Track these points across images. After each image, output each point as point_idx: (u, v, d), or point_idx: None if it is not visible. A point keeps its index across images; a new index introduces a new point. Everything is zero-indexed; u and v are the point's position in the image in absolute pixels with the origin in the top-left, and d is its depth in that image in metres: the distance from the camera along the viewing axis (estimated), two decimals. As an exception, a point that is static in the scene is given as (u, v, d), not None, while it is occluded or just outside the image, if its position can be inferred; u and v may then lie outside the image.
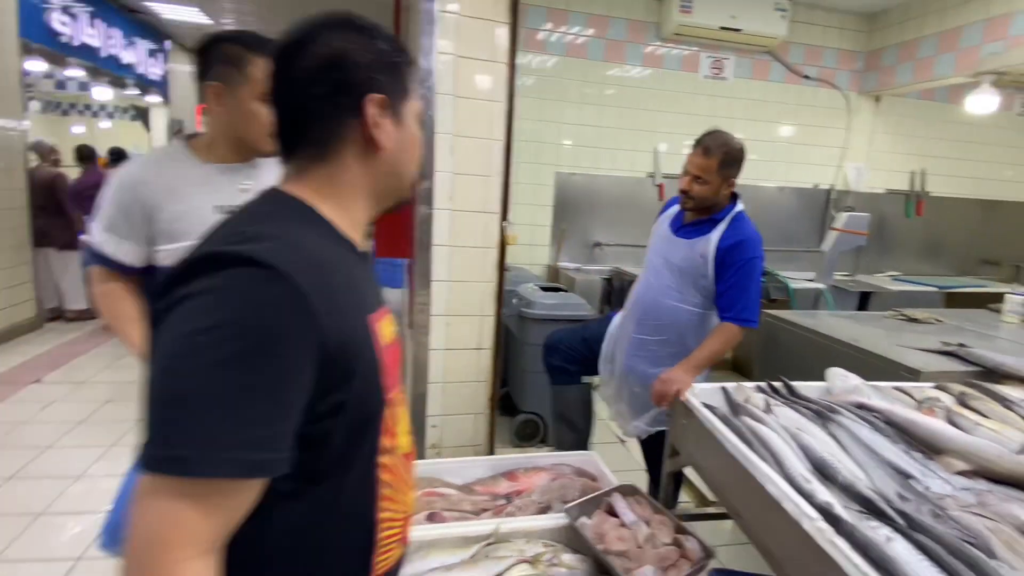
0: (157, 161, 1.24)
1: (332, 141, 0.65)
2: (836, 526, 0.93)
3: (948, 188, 4.77)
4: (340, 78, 0.62)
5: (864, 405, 1.35)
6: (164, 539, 0.48)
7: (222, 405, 0.49)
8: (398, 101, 0.67)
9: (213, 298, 0.51)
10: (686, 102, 4.12)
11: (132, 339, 1.16)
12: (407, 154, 0.70)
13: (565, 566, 1.20)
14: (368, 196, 0.69)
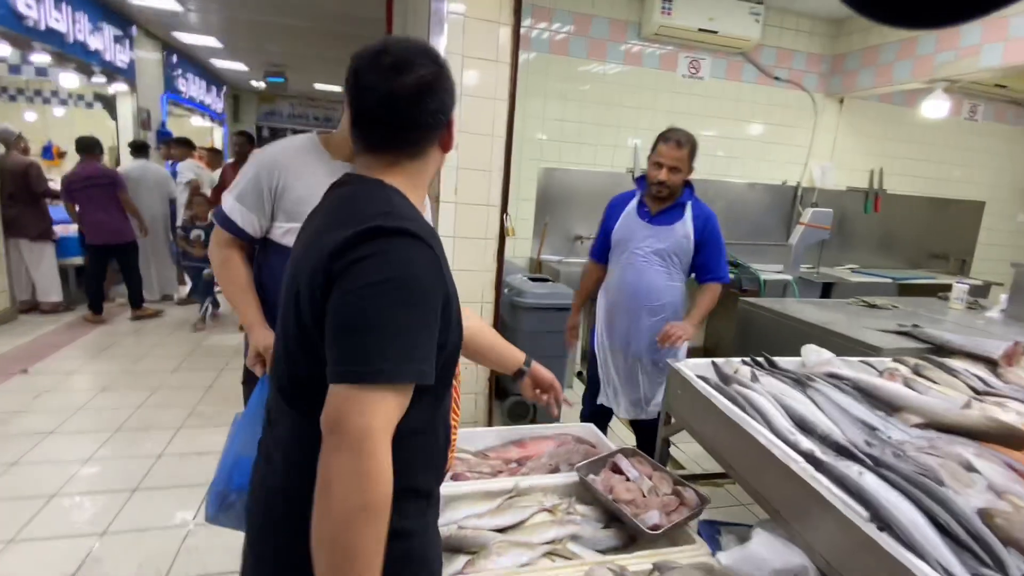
0: (295, 148, 1.38)
1: (427, 144, 0.85)
2: (818, 467, 1.11)
3: (903, 186, 5.12)
4: (442, 99, 0.83)
5: (835, 374, 1.55)
6: (374, 427, 0.67)
7: (401, 333, 0.70)
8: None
9: (386, 259, 0.71)
10: (664, 100, 4.30)
11: (242, 306, 1.37)
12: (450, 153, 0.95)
13: (579, 514, 1.36)
14: (429, 181, 0.91)
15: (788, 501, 1.15)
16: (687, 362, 1.67)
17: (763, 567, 1.11)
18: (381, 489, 0.67)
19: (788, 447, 1.18)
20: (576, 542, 1.28)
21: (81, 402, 3.10)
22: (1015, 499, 1.02)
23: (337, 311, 0.71)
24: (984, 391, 1.55)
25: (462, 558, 1.19)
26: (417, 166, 0.86)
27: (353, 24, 5.38)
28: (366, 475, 0.66)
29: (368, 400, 0.67)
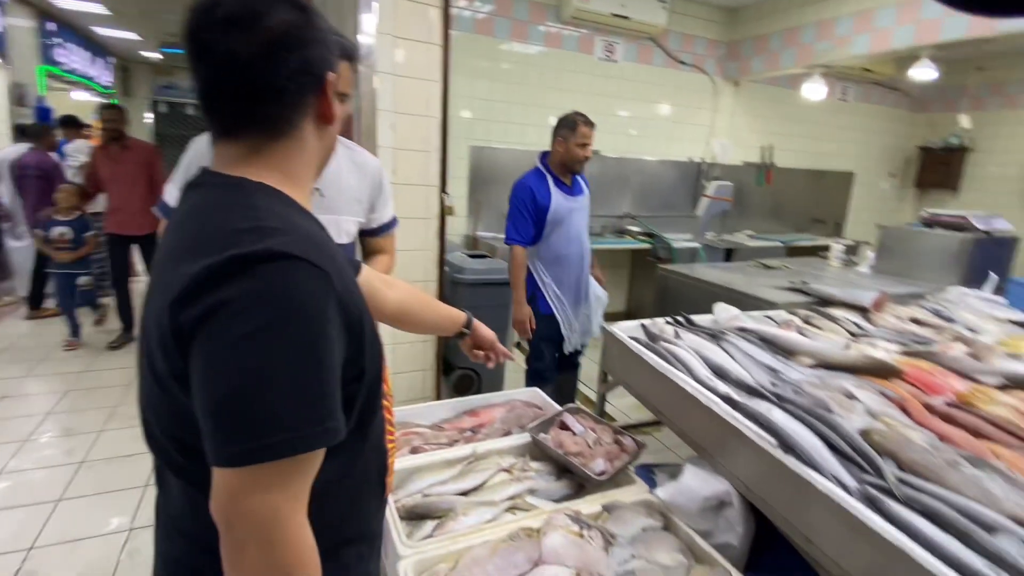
0: None
1: (294, 118, 0.64)
2: (734, 407, 1.31)
3: (789, 160, 5.69)
4: (306, 56, 0.63)
5: (743, 328, 1.78)
6: (280, 510, 0.54)
7: (296, 390, 0.54)
8: (336, 80, 0.69)
9: (256, 297, 0.53)
10: (584, 81, 4.46)
11: None
12: (336, 131, 0.74)
13: (533, 470, 1.48)
14: (313, 170, 0.71)
15: (711, 438, 1.34)
16: (619, 325, 1.84)
17: (694, 496, 1.29)
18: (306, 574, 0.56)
19: (709, 392, 1.37)
20: (533, 495, 1.40)
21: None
22: (887, 420, 1.27)
23: (205, 379, 0.54)
24: (859, 334, 1.84)
25: (429, 523, 1.27)
26: (288, 150, 0.65)
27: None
28: (283, 568, 0.54)
29: (266, 482, 0.53)
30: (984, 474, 1.06)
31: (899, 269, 3.05)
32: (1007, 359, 1.56)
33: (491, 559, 1.10)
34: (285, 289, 0.54)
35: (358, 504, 0.73)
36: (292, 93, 0.63)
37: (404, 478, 1.41)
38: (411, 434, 1.65)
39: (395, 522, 1.21)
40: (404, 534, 1.19)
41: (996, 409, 1.30)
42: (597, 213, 4.75)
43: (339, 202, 1.38)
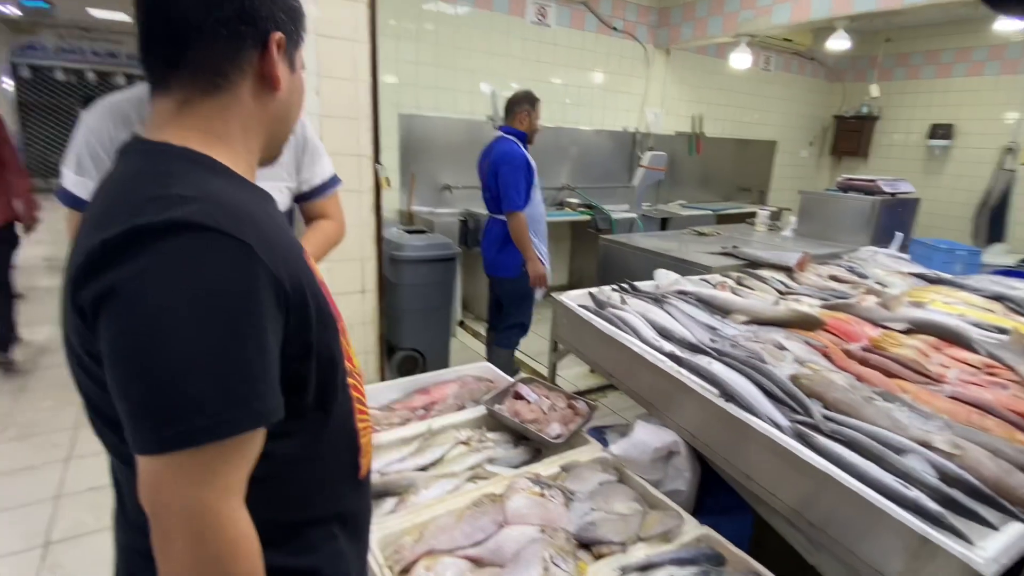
0: (121, 105, 1.17)
1: (227, 71, 0.59)
2: (679, 363, 1.39)
3: (717, 130, 5.92)
4: (248, 4, 0.59)
5: (682, 291, 1.88)
6: (207, 501, 0.50)
7: (216, 368, 0.49)
8: (293, 47, 0.66)
9: (163, 274, 0.48)
10: (516, 46, 4.39)
11: None
12: (296, 103, 0.69)
13: (491, 440, 1.52)
14: (258, 141, 0.66)
15: (659, 394, 1.42)
16: (567, 294, 1.88)
17: (645, 449, 1.37)
18: (242, 567, 0.53)
19: (655, 352, 1.44)
20: (493, 464, 1.43)
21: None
22: (813, 366, 1.39)
23: (115, 360, 0.50)
24: (786, 292, 1.99)
25: (391, 499, 1.28)
26: (219, 108, 0.60)
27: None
28: (214, 561, 0.51)
29: (190, 470, 0.49)
30: (894, 406, 1.19)
31: (818, 232, 3.28)
32: (912, 308, 1.74)
33: (458, 525, 1.13)
34: (192, 264, 0.49)
35: (325, 484, 0.70)
36: (225, 41, 0.58)
37: (361, 457, 1.40)
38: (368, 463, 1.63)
39: (356, 500, 1.21)
40: (367, 511, 1.20)
41: (903, 351, 1.46)
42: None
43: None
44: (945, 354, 1.50)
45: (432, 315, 3.11)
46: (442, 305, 3.15)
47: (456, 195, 4.39)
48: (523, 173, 2.57)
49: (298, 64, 0.69)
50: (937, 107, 6.02)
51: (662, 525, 1.15)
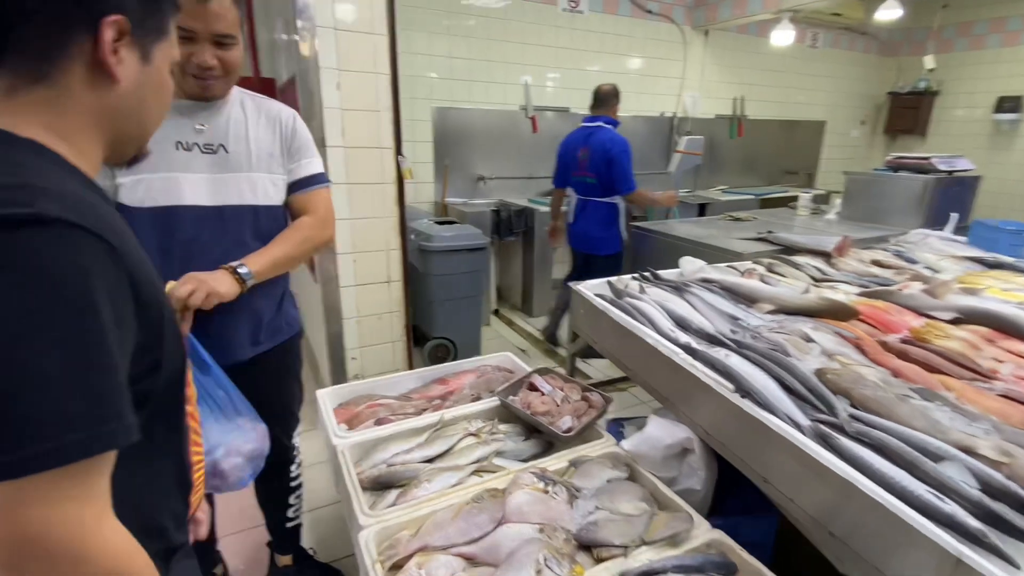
0: None
1: (55, 57, 0.53)
2: (694, 355, 1.31)
3: (760, 111, 5.65)
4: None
5: (707, 279, 1.78)
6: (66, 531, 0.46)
7: (66, 382, 0.45)
8: (149, 37, 0.60)
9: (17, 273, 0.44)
10: (548, 35, 4.31)
11: None
12: (152, 100, 0.63)
13: (502, 432, 1.48)
14: (99, 136, 0.59)
15: (673, 388, 1.35)
16: (586, 283, 1.82)
17: (657, 444, 1.30)
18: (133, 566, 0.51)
19: (670, 343, 1.37)
20: (502, 457, 1.41)
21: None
22: (842, 359, 1.28)
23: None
24: (821, 279, 1.86)
25: (393, 492, 1.26)
26: (49, 100, 0.54)
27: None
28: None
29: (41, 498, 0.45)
30: (933, 405, 1.08)
31: (865, 215, 3.07)
32: (962, 295, 1.59)
33: (454, 522, 1.10)
34: (55, 261, 0.45)
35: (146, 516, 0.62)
36: (50, 22, 0.52)
37: (368, 449, 1.40)
38: (376, 406, 1.64)
39: (356, 493, 1.21)
40: (366, 505, 1.19)
41: (948, 343, 1.33)
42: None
43: (248, 159, 1.24)
44: (999, 347, 1.36)
45: (462, 304, 3.11)
46: (472, 294, 3.15)
47: (490, 185, 4.38)
48: (630, 156, 2.93)
49: (158, 57, 0.62)
50: (1004, 78, 5.52)
51: (670, 528, 1.09)
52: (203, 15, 1.09)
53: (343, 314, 2.32)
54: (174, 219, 1.17)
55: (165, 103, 0.66)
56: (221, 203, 1.21)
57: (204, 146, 1.20)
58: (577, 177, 3.12)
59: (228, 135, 1.22)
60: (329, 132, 2.09)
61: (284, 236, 1.31)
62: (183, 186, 1.17)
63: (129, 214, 1.15)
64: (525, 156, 4.50)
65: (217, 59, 1.14)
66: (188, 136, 1.18)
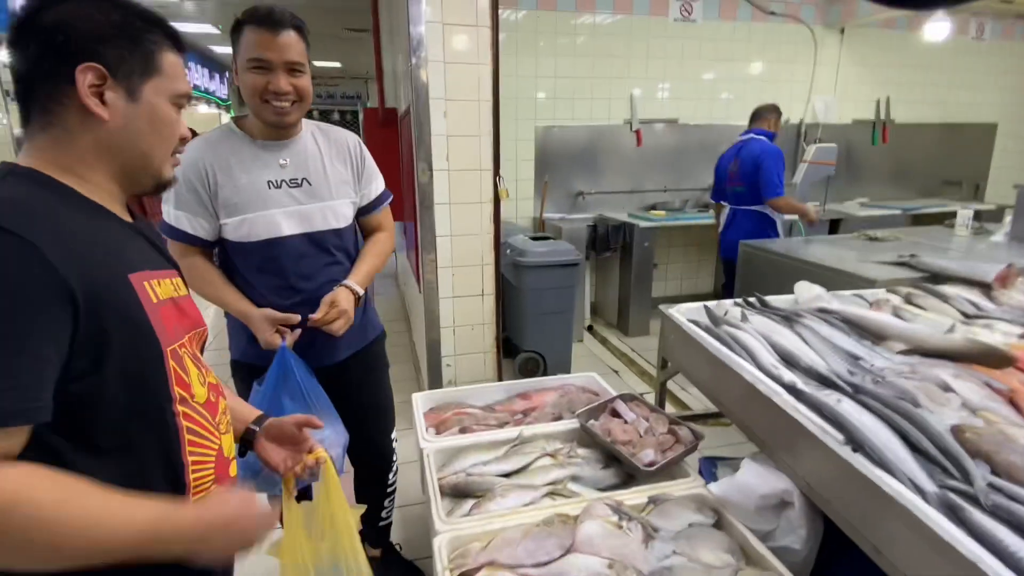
0: (215, 140, 1.33)
1: (53, 107, 0.65)
2: (798, 397, 1.16)
3: (911, 114, 4.97)
4: (56, 44, 0.63)
5: (824, 309, 1.59)
6: None
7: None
8: (134, 77, 0.67)
9: None
10: (658, 46, 4.19)
11: (227, 300, 1.34)
12: (147, 133, 0.70)
13: (580, 456, 1.44)
14: (104, 168, 0.68)
15: (772, 431, 1.21)
16: (679, 307, 1.71)
17: (751, 493, 1.17)
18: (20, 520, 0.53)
19: (771, 380, 1.23)
20: (577, 482, 1.36)
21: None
22: (988, 415, 1.07)
23: None
24: (975, 315, 1.57)
25: (469, 501, 1.28)
26: (54, 141, 0.66)
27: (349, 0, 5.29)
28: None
29: None
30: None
31: (1045, 236, 2.55)
32: None
33: (522, 542, 1.08)
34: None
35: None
36: (44, 80, 0.64)
37: (451, 456, 1.43)
38: (462, 413, 1.67)
39: (436, 498, 1.24)
40: (444, 511, 1.21)
41: None
42: (678, 187, 4.51)
43: (328, 188, 1.39)
44: None
45: (553, 319, 3.10)
46: (563, 310, 3.12)
47: (588, 201, 4.34)
48: (782, 164, 3.03)
49: (148, 93, 0.69)
50: None
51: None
52: (275, 46, 1.22)
53: (441, 323, 2.42)
54: (276, 249, 1.34)
55: (167, 135, 0.72)
56: (311, 230, 1.37)
57: (290, 181, 1.34)
58: (729, 188, 3.31)
59: (308, 168, 1.37)
60: (436, 157, 2.22)
61: (372, 252, 1.50)
62: (280, 220, 1.33)
63: (237, 248, 1.34)
64: (628, 170, 4.39)
65: (291, 85, 1.25)
66: (275, 174, 1.33)
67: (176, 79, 0.72)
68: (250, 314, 1.32)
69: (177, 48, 0.73)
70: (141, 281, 0.68)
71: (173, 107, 0.72)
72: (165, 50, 0.71)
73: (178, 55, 0.73)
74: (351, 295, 1.38)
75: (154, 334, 0.67)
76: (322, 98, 11.22)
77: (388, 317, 4.69)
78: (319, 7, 5.75)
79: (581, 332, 4.02)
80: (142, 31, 0.68)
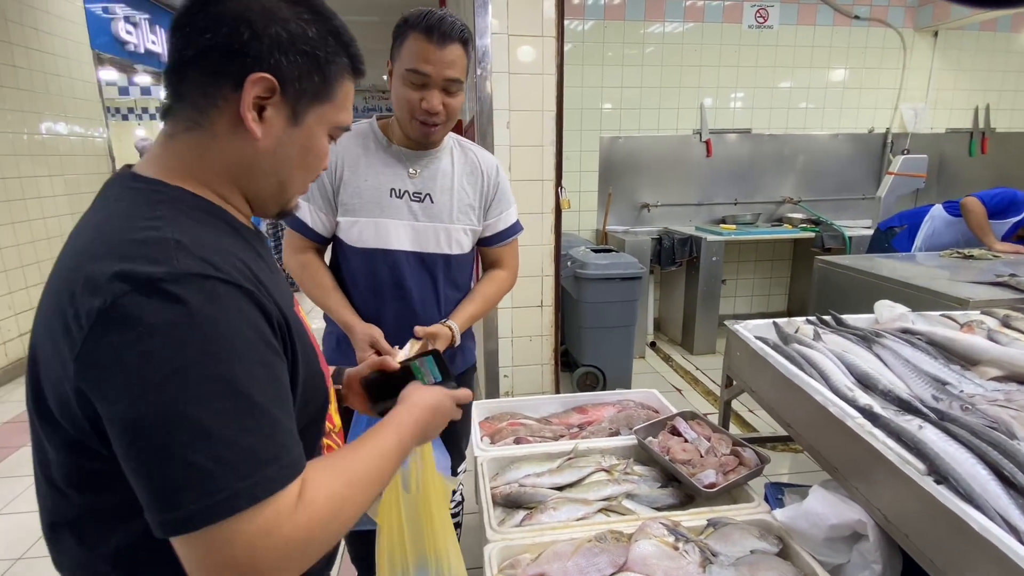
0: (353, 134, 1.26)
1: (206, 107, 0.56)
2: (874, 421, 1.09)
3: (1015, 123, 4.54)
4: (233, 40, 0.54)
5: (908, 329, 1.48)
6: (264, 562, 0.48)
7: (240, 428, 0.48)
8: (304, 99, 0.59)
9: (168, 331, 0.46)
10: (730, 54, 4.08)
11: (334, 308, 1.28)
12: (296, 162, 0.62)
13: (637, 474, 1.41)
14: (235, 185, 0.61)
15: (845, 458, 1.14)
16: (745, 323, 1.65)
17: (819, 523, 1.11)
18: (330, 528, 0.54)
19: (845, 403, 1.16)
20: (632, 500, 1.33)
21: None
22: (1102, 452, 0.95)
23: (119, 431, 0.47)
24: (1088, 342, 1.41)
25: (521, 512, 1.28)
26: (196, 145, 0.58)
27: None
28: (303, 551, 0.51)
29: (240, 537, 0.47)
30: None
31: None
32: None
33: (572, 556, 1.08)
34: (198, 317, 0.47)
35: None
36: (206, 74, 0.56)
37: (504, 466, 1.44)
38: (517, 424, 1.69)
39: (488, 508, 1.25)
40: (496, 520, 1.23)
41: None
42: (750, 199, 4.35)
43: (451, 210, 1.30)
44: None
45: (613, 334, 3.06)
46: (624, 324, 3.07)
47: (654, 213, 4.27)
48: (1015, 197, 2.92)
49: (312, 120, 0.61)
50: None
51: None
52: (438, 60, 1.12)
53: (499, 333, 2.45)
54: (381, 260, 1.27)
55: (313, 167, 0.65)
56: (421, 249, 1.29)
57: (413, 195, 1.27)
58: None
59: (436, 185, 1.28)
60: (499, 168, 2.26)
61: (482, 293, 1.39)
62: (391, 231, 1.26)
63: (345, 249, 1.30)
64: (696, 182, 4.28)
65: (443, 104, 1.17)
66: (401, 183, 1.26)
67: (343, 110, 0.64)
68: (353, 327, 1.25)
69: (355, 75, 0.65)
70: (298, 311, 0.64)
71: (328, 139, 0.65)
72: (344, 77, 0.63)
73: (353, 82, 0.65)
74: (449, 337, 1.27)
75: (323, 374, 0.66)
76: (390, 111, 11.64)
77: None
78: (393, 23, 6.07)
79: (643, 348, 3.93)
80: (331, 53, 0.60)
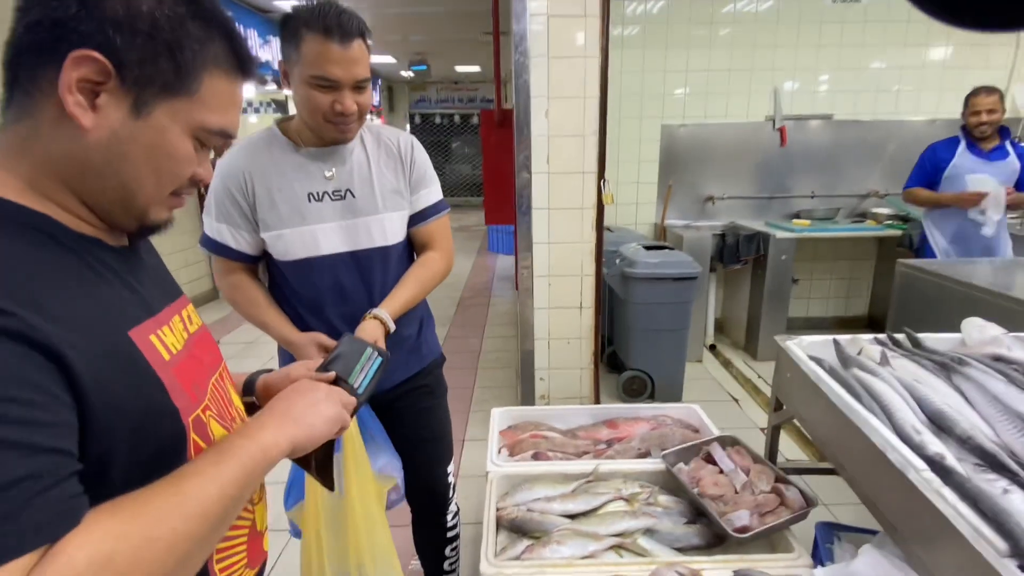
0: (254, 146, 1.20)
1: (31, 91, 0.48)
2: (945, 477, 0.89)
3: None
4: (59, 13, 0.46)
5: (1002, 357, 1.23)
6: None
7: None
8: (147, 88, 0.50)
9: None
10: (810, 33, 3.70)
11: (272, 324, 1.23)
12: (137, 161, 0.52)
13: (660, 505, 1.27)
14: (65, 185, 0.51)
15: (905, 515, 0.95)
16: (801, 339, 1.44)
17: (868, 590, 0.93)
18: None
19: (909, 449, 0.96)
20: (651, 537, 1.20)
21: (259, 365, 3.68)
22: None
23: None
24: None
25: (525, 542, 1.18)
26: (21, 135, 0.49)
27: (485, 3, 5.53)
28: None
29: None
30: None
31: None
32: None
33: (570, 604, 0.97)
34: None
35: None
36: (28, 51, 0.47)
37: (516, 485, 1.35)
38: (539, 436, 1.59)
39: (490, 532, 1.17)
40: (496, 548, 1.14)
41: None
42: (830, 193, 3.95)
43: (374, 200, 1.24)
44: None
45: (664, 337, 2.86)
46: (677, 328, 2.87)
47: (719, 207, 3.98)
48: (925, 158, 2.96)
49: (163, 115, 0.51)
50: None
51: None
52: (345, 61, 1.07)
53: (535, 334, 2.35)
54: (316, 268, 1.22)
55: (165, 171, 0.54)
56: (355, 248, 1.24)
57: (333, 193, 1.21)
58: None
59: (354, 179, 1.23)
60: (536, 159, 2.14)
61: (414, 276, 1.31)
62: (319, 237, 1.20)
63: (277, 265, 1.26)
64: (768, 173, 3.94)
65: (356, 103, 1.13)
66: (318, 186, 1.20)
67: (213, 110, 0.54)
68: (292, 341, 1.20)
69: (238, 71, 0.56)
70: (146, 337, 0.53)
71: (192, 141, 0.54)
72: (213, 69, 0.53)
73: (233, 81, 0.56)
74: (379, 329, 1.19)
75: (172, 406, 0.54)
76: (463, 102, 11.80)
77: (502, 321, 4.73)
78: (460, 12, 6.05)
79: (700, 352, 3.69)
80: (190, 39, 0.51)
